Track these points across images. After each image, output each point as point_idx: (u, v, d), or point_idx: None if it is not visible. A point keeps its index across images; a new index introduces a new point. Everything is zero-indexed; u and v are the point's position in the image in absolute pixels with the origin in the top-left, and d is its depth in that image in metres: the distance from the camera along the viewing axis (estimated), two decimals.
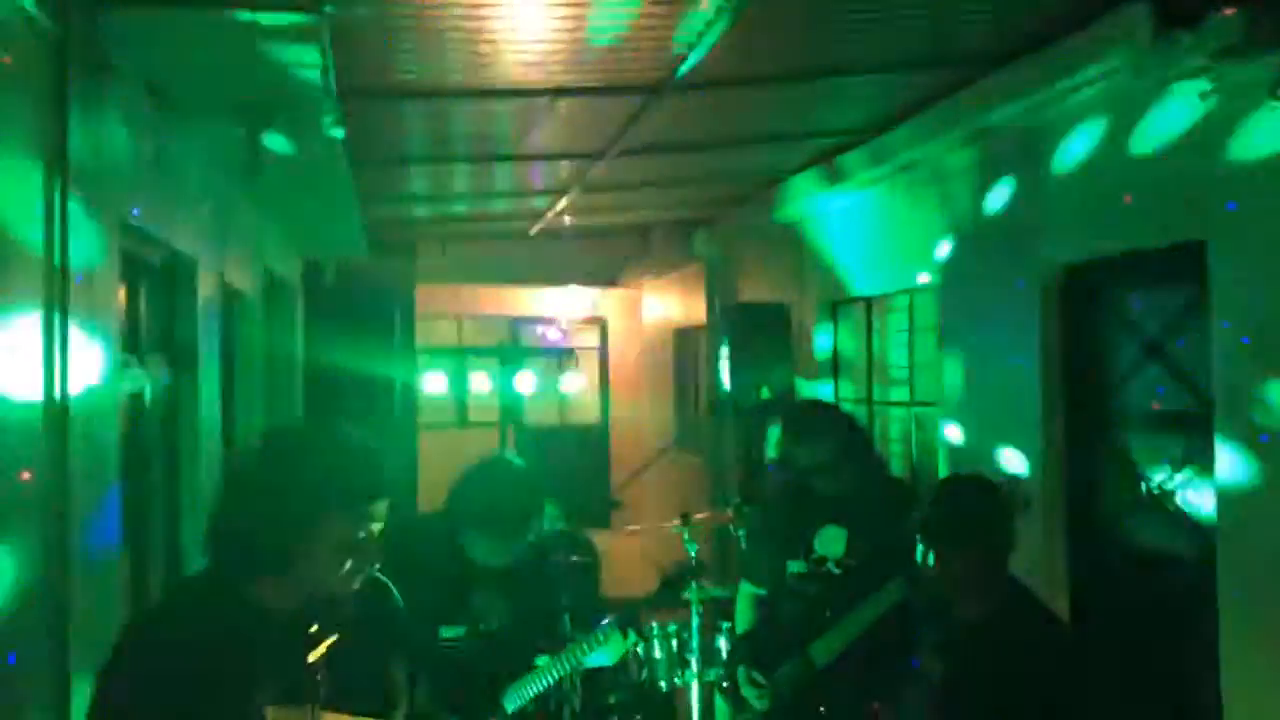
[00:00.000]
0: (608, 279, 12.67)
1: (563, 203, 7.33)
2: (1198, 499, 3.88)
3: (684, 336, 11.35)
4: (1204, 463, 3.77)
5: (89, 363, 2.82)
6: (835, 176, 6.16)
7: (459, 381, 11.08)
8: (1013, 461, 4.75)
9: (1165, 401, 4.10)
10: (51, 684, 2.51)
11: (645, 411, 12.80)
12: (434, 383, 10.47)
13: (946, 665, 3.02)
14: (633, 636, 3.60)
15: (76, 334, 2.65)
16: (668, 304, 11.71)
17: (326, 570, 2.03)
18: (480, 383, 10.09)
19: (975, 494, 3.11)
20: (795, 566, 4.18)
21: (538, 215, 8.25)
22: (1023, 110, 4.42)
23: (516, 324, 12.87)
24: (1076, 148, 4.33)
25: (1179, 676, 4.00)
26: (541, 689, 3.45)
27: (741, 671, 4.28)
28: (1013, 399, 4.76)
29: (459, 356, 11.33)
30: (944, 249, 5.40)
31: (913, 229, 5.81)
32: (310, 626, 1.89)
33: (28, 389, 2.43)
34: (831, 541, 4.10)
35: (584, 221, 9.21)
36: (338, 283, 9.08)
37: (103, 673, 1.99)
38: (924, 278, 5.62)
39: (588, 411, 13.48)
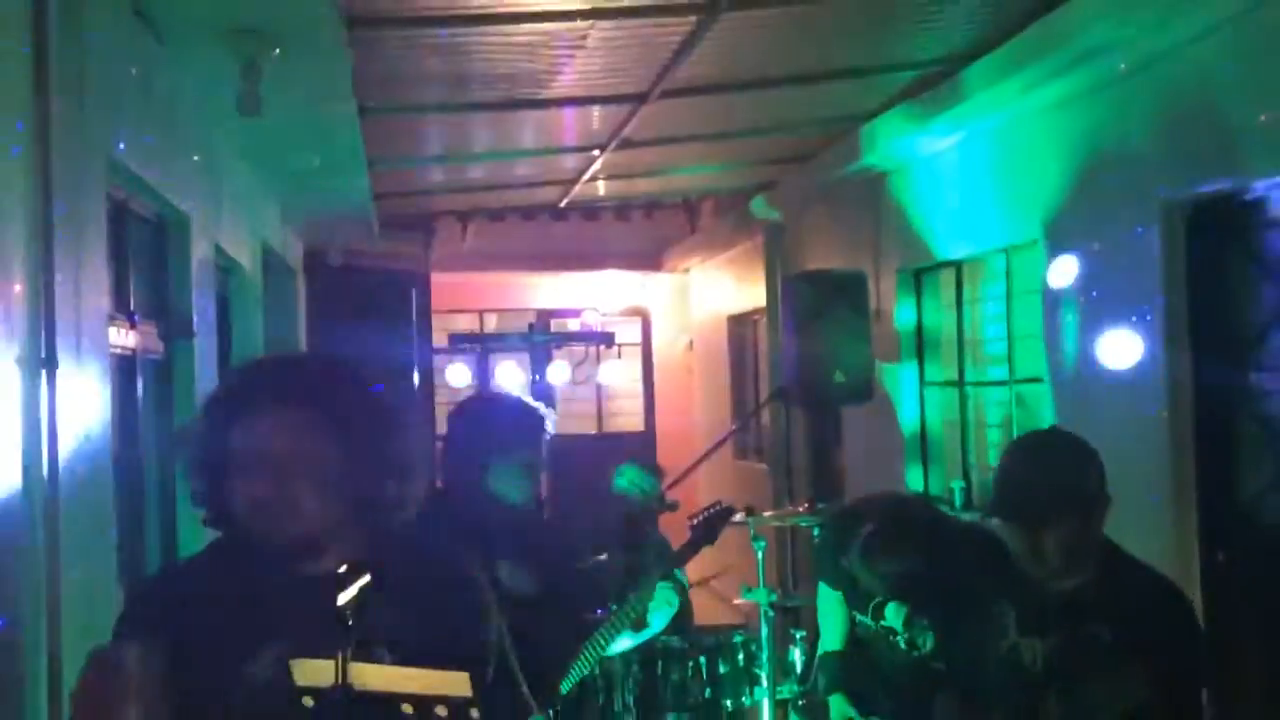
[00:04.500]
0: (650, 263, 12.62)
1: (598, 163, 7.33)
2: None
3: (740, 325, 11.35)
4: None
5: (75, 312, 2.88)
6: (917, 120, 6.14)
7: (482, 374, 11.16)
8: (1134, 441, 4.70)
9: None
10: (44, 659, 2.56)
11: (697, 417, 12.78)
12: (457, 375, 10.61)
13: (1047, 644, 2.99)
14: (681, 577, 3.90)
15: (61, 270, 2.71)
16: (720, 288, 11.71)
17: None
18: (507, 374, 10.13)
19: (1059, 456, 3.01)
20: (864, 619, 4.24)
21: (569, 182, 8.28)
22: (1135, 25, 4.39)
23: (547, 317, 12.87)
24: (1200, 64, 4.29)
25: None
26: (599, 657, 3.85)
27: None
28: (1131, 364, 4.72)
29: (482, 346, 11.37)
30: (1047, 197, 5.36)
31: (1009, 178, 5.78)
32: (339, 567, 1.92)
33: (5, 335, 2.48)
34: (894, 618, 4.16)
35: (621, 190, 9.23)
36: (343, 267, 9.18)
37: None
38: (1024, 233, 5.58)
39: (630, 418, 13.46)
